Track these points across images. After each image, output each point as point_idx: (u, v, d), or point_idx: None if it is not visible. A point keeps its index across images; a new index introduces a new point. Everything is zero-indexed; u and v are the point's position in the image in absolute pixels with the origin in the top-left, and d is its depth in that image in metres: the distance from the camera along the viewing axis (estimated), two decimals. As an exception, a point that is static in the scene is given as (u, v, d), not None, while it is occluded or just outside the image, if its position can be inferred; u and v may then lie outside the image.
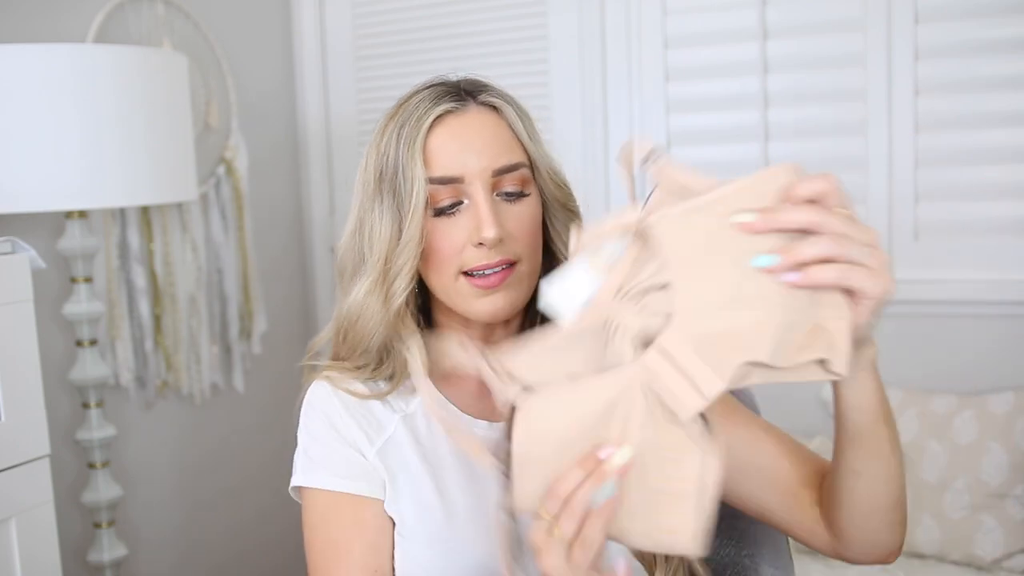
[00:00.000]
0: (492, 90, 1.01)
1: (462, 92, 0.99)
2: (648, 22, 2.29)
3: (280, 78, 2.66)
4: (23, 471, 1.46)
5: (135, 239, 2.12)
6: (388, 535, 0.97)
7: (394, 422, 1.00)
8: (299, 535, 1.00)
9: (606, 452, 0.70)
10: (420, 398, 1.02)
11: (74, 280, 1.88)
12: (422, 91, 0.99)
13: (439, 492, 0.98)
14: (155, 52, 1.88)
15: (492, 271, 0.94)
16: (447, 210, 0.95)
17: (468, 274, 0.95)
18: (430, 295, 1.02)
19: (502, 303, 0.95)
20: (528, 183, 0.98)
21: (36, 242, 1.65)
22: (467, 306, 0.96)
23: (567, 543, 0.70)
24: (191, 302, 2.27)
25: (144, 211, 2.15)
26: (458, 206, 0.95)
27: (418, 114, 0.96)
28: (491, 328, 1.01)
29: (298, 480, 1.00)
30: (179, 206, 2.23)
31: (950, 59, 2.04)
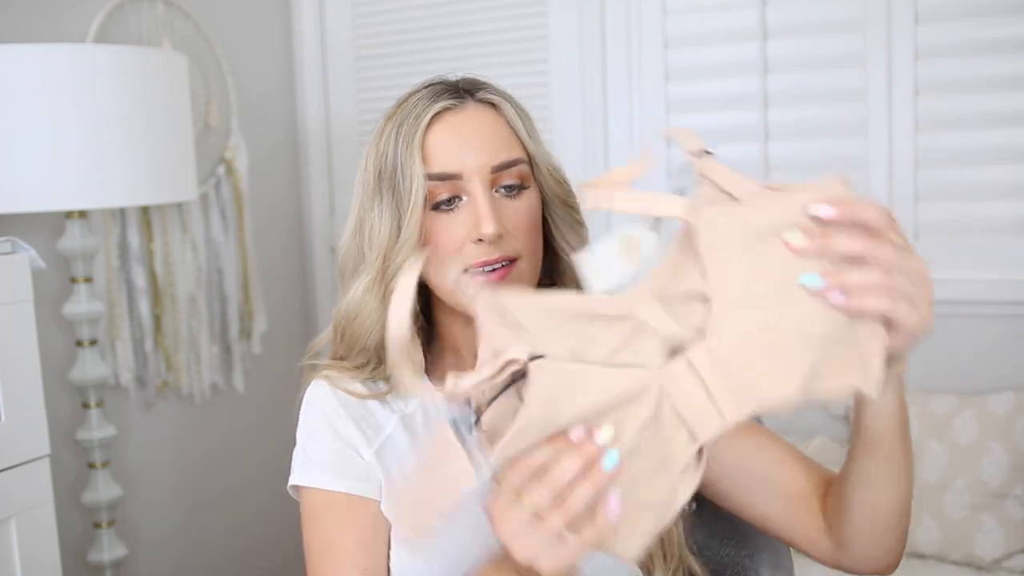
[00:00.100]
0: (490, 88, 1.01)
1: (460, 90, 0.99)
2: (648, 22, 2.29)
3: (280, 78, 2.66)
4: (23, 471, 1.46)
5: (135, 239, 2.12)
6: (383, 535, 0.97)
7: (392, 422, 1.00)
8: (299, 535, 1.00)
9: (577, 434, 0.69)
10: (419, 398, 1.02)
11: (74, 280, 1.88)
12: (420, 90, 0.99)
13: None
14: (155, 52, 1.88)
15: (492, 268, 0.93)
16: (446, 206, 0.95)
17: (466, 272, 0.95)
18: (431, 295, 1.02)
19: None
20: (527, 179, 0.98)
21: (36, 242, 1.65)
22: (467, 304, 0.95)
23: (537, 512, 0.68)
24: (191, 302, 2.27)
25: (144, 211, 2.15)
26: (457, 202, 0.95)
27: (416, 112, 0.96)
28: None
29: (296, 479, 1.00)
30: (179, 206, 2.23)
31: (950, 59, 2.04)
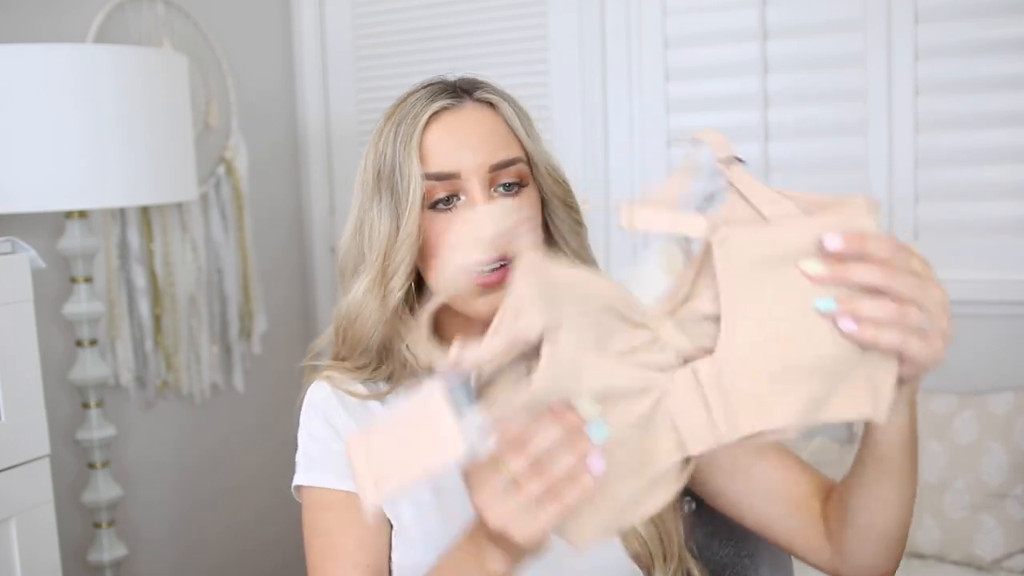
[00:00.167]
0: (488, 87, 1.00)
1: (458, 90, 0.99)
2: (648, 22, 2.29)
3: (280, 78, 2.66)
4: (23, 471, 1.46)
5: (135, 239, 2.12)
6: (383, 534, 0.97)
7: (393, 423, 1.00)
8: (299, 535, 1.00)
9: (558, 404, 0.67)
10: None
11: (74, 280, 1.88)
12: (419, 90, 0.99)
13: (436, 493, 0.97)
14: (155, 52, 1.88)
15: (491, 268, 0.93)
16: (444, 205, 0.95)
17: None
18: (432, 296, 1.02)
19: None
20: (526, 179, 0.98)
21: (36, 242, 1.65)
22: (467, 305, 0.95)
23: (515, 479, 0.67)
24: (191, 302, 2.27)
25: (144, 211, 2.15)
26: (454, 200, 0.95)
27: (414, 112, 0.96)
28: None
29: (298, 479, 1.00)
30: (179, 206, 2.23)
31: (950, 59, 2.04)
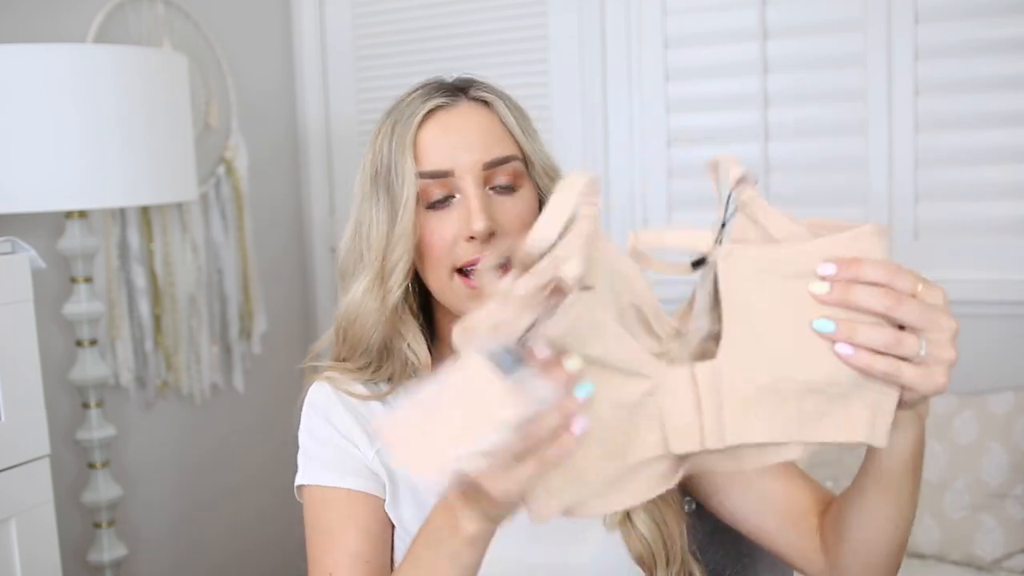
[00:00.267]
0: (484, 85, 1.00)
1: (454, 89, 0.99)
2: (648, 22, 2.29)
3: (280, 78, 2.66)
4: (23, 471, 1.46)
5: (135, 239, 2.12)
6: (385, 530, 0.97)
7: (394, 423, 1.00)
8: (299, 535, 1.00)
9: (543, 352, 0.65)
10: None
11: (74, 280, 1.88)
12: (416, 90, 0.99)
13: (438, 494, 0.97)
14: (155, 52, 1.88)
15: None
16: (439, 203, 0.95)
17: (463, 273, 0.94)
18: (430, 296, 1.01)
19: None
20: (521, 177, 0.97)
21: (36, 242, 1.65)
22: (462, 306, 0.95)
23: None
24: (191, 302, 2.27)
25: (144, 211, 2.15)
26: (450, 200, 0.95)
27: (410, 111, 0.96)
28: None
29: (299, 479, 1.00)
30: (179, 206, 2.23)
31: (950, 59, 2.04)
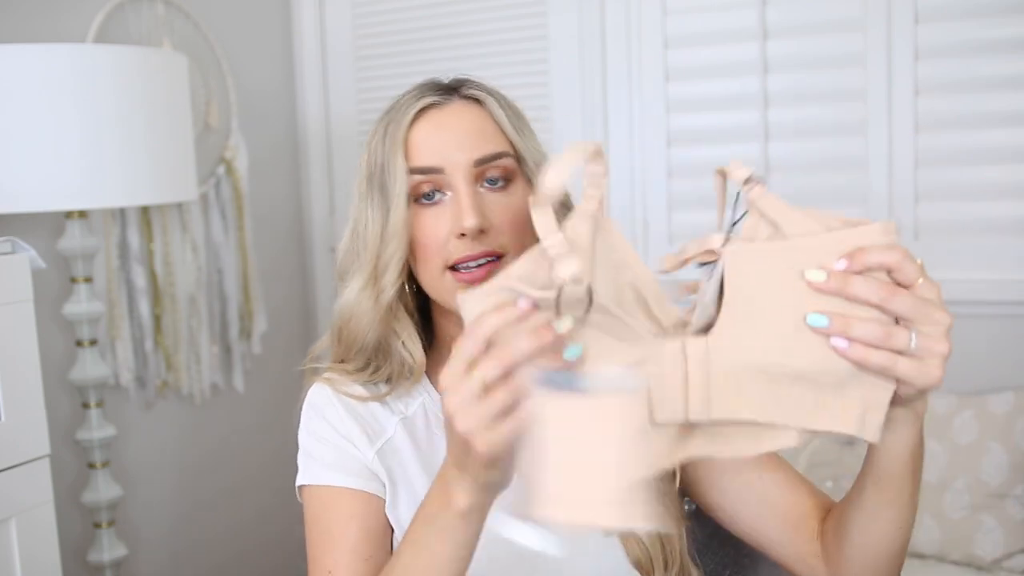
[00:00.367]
0: (475, 84, 1.01)
1: (446, 88, 0.99)
2: (648, 22, 2.29)
3: (280, 78, 2.66)
4: (23, 471, 1.46)
5: (135, 239, 2.12)
6: (386, 530, 0.97)
7: (393, 424, 1.00)
8: (299, 535, 1.00)
9: (525, 302, 0.67)
10: (419, 400, 1.02)
11: (74, 280, 1.88)
12: (410, 91, 0.99)
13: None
14: (155, 52, 1.88)
15: (477, 264, 0.93)
16: (430, 200, 0.95)
17: (455, 269, 0.94)
18: (431, 300, 1.01)
19: None
20: (513, 174, 0.97)
21: (36, 242, 1.65)
22: (454, 302, 0.95)
23: (484, 385, 0.66)
24: (191, 302, 2.27)
25: (144, 211, 2.15)
26: (441, 197, 0.95)
27: (402, 111, 0.97)
28: None
29: (300, 479, 1.00)
30: (179, 206, 2.23)
31: (950, 59, 2.04)
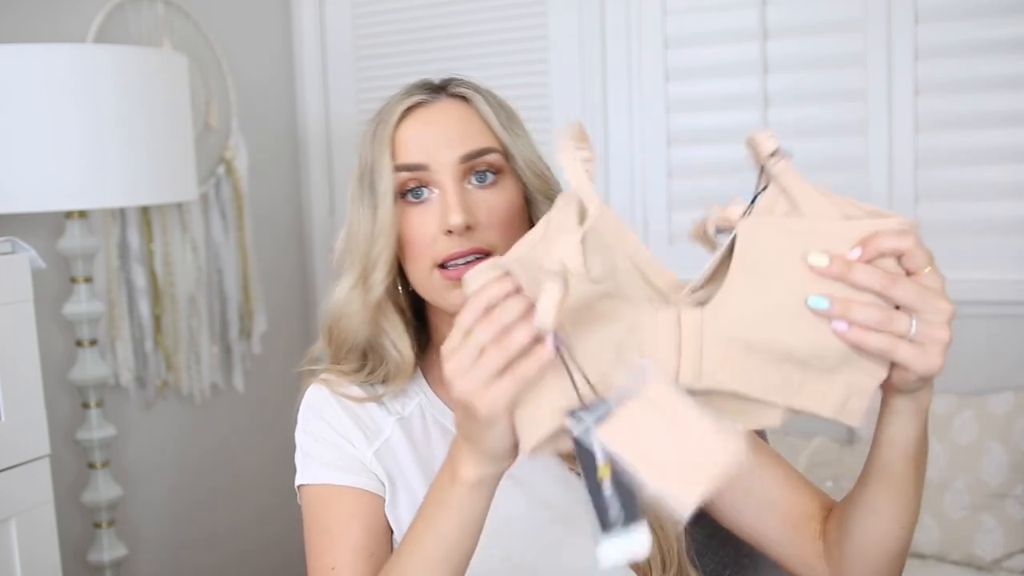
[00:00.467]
0: (463, 82, 1.00)
1: (435, 87, 1.00)
2: (648, 22, 2.29)
3: (280, 78, 2.66)
4: (23, 471, 1.46)
5: (135, 239, 2.12)
6: (387, 528, 0.98)
7: (390, 425, 1.01)
8: (299, 534, 1.00)
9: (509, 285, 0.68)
10: (416, 400, 1.02)
11: (74, 280, 1.88)
12: (400, 91, 1.00)
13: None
14: (155, 52, 1.88)
15: (465, 261, 0.93)
16: (417, 197, 0.95)
17: (443, 267, 0.94)
18: (427, 303, 1.01)
19: None
20: (501, 170, 0.97)
21: (36, 242, 1.65)
22: (442, 299, 0.95)
23: (480, 348, 0.67)
24: (191, 302, 2.27)
25: (144, 211, 2.15)
26: (429, 194, 0.95)
27: (391, 110, 0.97)
28: None
29: (299, 479, 1.00)
30: (179, 206, 2.23)
31: (950, 59, 2.04)
